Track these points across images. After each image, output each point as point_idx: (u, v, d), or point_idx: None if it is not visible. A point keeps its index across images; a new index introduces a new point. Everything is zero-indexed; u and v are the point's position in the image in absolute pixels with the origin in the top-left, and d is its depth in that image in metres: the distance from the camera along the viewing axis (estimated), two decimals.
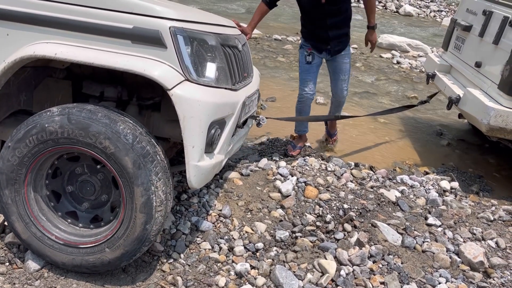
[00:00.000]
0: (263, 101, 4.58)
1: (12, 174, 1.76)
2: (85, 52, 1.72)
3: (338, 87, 3.38)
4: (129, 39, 1.74)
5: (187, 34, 1.80)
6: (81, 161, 1.86)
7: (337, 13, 3.13)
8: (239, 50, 2.30)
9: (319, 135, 3.92)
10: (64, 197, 1.91)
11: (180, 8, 2.07)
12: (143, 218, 1.75)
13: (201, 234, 2.22)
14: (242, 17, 9.19)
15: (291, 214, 2.45)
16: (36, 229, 1.82)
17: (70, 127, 1.68)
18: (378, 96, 5.41)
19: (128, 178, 1.71)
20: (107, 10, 1.73)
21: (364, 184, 2.88)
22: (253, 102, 2.51)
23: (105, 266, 1.84)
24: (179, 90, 1.72)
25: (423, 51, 7.99)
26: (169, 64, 1.75)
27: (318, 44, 3.24)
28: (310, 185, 2.71)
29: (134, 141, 1.70)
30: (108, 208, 1.90)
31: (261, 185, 2.70)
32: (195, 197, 2.48)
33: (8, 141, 1.75)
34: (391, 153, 3.88)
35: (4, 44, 1.77)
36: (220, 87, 1.97)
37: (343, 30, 3.24)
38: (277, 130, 3.78)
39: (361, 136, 4.13)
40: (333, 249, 2.21)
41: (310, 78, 3.30)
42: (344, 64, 3.32)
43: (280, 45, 7.21)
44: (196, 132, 1.76)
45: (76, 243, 1.83)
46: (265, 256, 2.15)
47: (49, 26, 1.74)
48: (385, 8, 12.86)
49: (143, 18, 1.73)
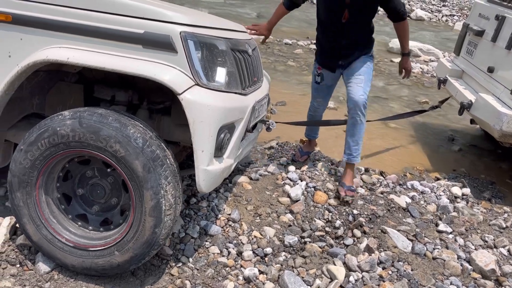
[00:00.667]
0: (273, 105, 4.58)
1: (24, 176, 1.78)
2: (97, 57, 1.74)
3: (352, 87, 2.76)
4: (140, 44, 1.75)
5: (197, 39, 1.81)
6: (91, 165, 1.88)
7: (357, 30, 2.81)
8: (249, 54, 2.30)
9: (329, 140, 3.90)
10: (74, 200, 1.92)
11: (191, 13, 2.09)
12: (152, 222, 1.75)
13: (210, 238, 2.22)
14: (253, 21, 9.23)
15: (300, 219, 2.44)
16: (47, 231, 1.84)
17: (81, 131, 1.70)
18: (388, 101, 5.38)
19: (138, 181, 1.72)
20: (118, 15, 1.75)
21: (374, 189, 2.86)
22: (263, 107, 2.51)
23: (114, 269, 1.85)
24: (189, 94, 1.73)
25: (434, 55, 7.94)
26: (179, 69, 1.76)
27: (329, 61, 2.93)
28: (319, 190, 2.70)
29: (144, 145, 1.71)
30: (118, 211, 1.91)
31: (270, 189, 2.69)
32: (204, 201, 2.48)
33: (21, 144, 1.77)
34: (401, 158, 3.85)
35: (18, 49, 1.79)
36: (230, 91, 1.97)
37: (360, 47, 2.87)
38: (287, 134, 3.78)
39: (371, 141, 4.11)
40: (342, 255, 2.20)
41: (319, 96, 3.12)
42: (359, 66, 2.84)
43: (291, 49, 7.22)
44: (206, 136, 1.77)
45: (86, 245, 1.85)
46: (273, 261, 2.14)
47: (61, 31, 1.76)
48: None
49: (154, 23, 1.75)
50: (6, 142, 2.09)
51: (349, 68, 2.91)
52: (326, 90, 3.12)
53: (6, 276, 1.85)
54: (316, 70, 3.05)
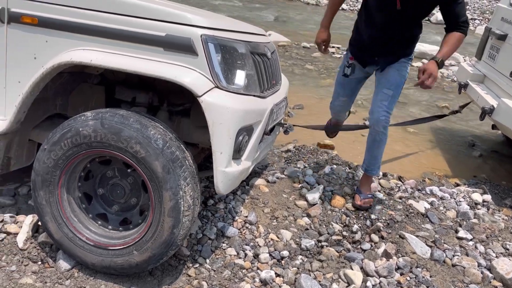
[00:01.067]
0: (290, 108, 4.58)
1: (47, 175, 1.82)
2: (119, 59, 1.77)
3: (375, 104, 2.54)
4: (161, 47, 1.78)
5: (217, 42, 1.83)
6: (112, 165, 1.91)
7: (407, 23, 2.48)
8: (268, 57, 2.31)
9: (346, 144, 3.88)
10: (95, 200, 1.96)
11: (211, 16, 2.11)
12: (171, 222, 1.77)
13: (227, 239, 2.23)
14: (271, 25, 9.26)
15: (317, 222, 2.44)
16: (68, 229, 1.87)
17: (103, 131, 1.73)
18: (407, 105, 5.32)
19: (157, 182, 1.74)
20: (141, 18, 1.78)
21: (392, 194, 2.83)
22: (281, 110, 2.52)
23: (133, 268, 1.87)
24: (209, 97, 1.75)
25: (455, 60, 7.83)
26: (199, 71, 1.78)
27: (363, 54, 2.63)
28: (337, 194, 2.69)
29: (164, 146, 1.73)
30: (137, 211, 1.93)
31: (287, 192, 2.69)
32: (221, 203, 2.50)
33: (44, 144, 1.82)
34: (420, 163, 3.81)
35: (43, 51, 1.84)
36: (249, 94, 1.98)
37: (403, 46, 2.57)
38: (304, 137, 3.77)
39: (390, 145, 4.06)
40: (360, 259, 2.18)
41: (344, 94, 2.78)
42: (393, 74, 2.55)
43: (309, 52, 7.21)
44: (225, 139, 1.78)
45: (105, 244, 1.87)
46: (290, 264, 2.14)
47: (85, 33, 1.80)
48: None
49: (176, 26, 1.77)
50: (30, 141, 2.14)
51: (383, 73, 2.60)
52: (353, 86, 2.78)
53: (27, 273, 1.89)
54: (347, 61, 2.69)
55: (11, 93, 1.91)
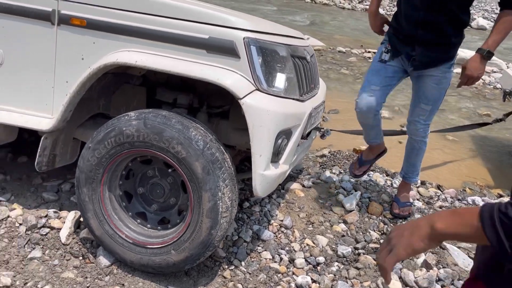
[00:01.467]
0: (326, 113, 4.54)
1: (90, 173, 1.87)
2: (162, 60, 1.80)
3: (413, 117, 2.45)
4: (204, 49, 1.80)
5: (259, 44, 1.83)
6: (153, 164, 1.94)
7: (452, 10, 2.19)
8: (307, 61, 2.30)
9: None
10: (135, 198, 1.99)
11: (253, 19, 2.11)
12: (209, 223, 1.78)
13: (262, 243, 2.23)
14: (306, 29, 9.23)
15: (354, 229, 2.39)
16: (109, 227, 1.91)
17: (145, 131, 1.76)
18: (447, 112, 5.17)
19: (197, 183, 1.75)
20: (185, 20, 1.80)
21: (432, 203, 2.75)
22: (319, 114, 2.49)
23: (170, 268, 1.89)
24: (250, 99, 1.75)
25: (497, 66, 7.56)
26: (241, 74, 1.79)
27: (400, 45, 2.35)
28: (374, 201, 2.63)
29: (204, 147, 1.74)
30: (176, 211, 1.95)
31: (323, 198, 2.66)
32: (257, 206, 2.49)
33: (89, 142, 1.86)
34: (460, 172, 3.69)
35: (91, 52, 1.89)
36: (288, 97, 1.97)
37: (444, 38, 2.25)
38: (339, 142, 3.72)
39: (428, 153, 3.92)
40: (398, 269, 2.13)
41: (376, 82, 2.37)
42: (431, 88, 2.34)
43: (344, 57, 7.13)
44: (264, 141, 1.78)
45: (144, 243, 1.90)
46: (326, 271, 2.11)
47: (130, 35, 1.84)
48: None
49: (219, 29, 1.79)
50: (74, 140, 2.20)
51: (420, 83, 2.37)
52: (389, 76, 2.39)
53: (69, 267, 1.94)
54: (385, 46, 2.41)
55: (58, 92, 1.98)
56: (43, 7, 1.91)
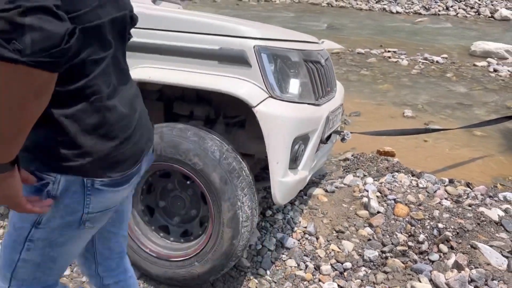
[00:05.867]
0: (347, 116, 4.49)
1: None
2: (175, 75, 1.82)
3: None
4: (216, 60, 1.81)
5: (270, 52, 1.83)
6: (172, 178, 1.96)
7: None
8: (322, 65, 2.28)
9: (408, 150, 3.73)
10: (157, 212, 2.01)
11: (263, 27, 2.12)
12: (230, 233, 1.78)
13: (286, 251, 2.20)
14: (324, 33, 9.19)
15: (380, 233, 2.34)
16: (133, 241, 1.93)
17: (162, 145, 1.78)
18: (473, 107, 5.03)
19: (215, 193, 1.75)
20: (195, 33, 1.82)
21: (461, 201, 2.66)
22: (337, 117, 2.46)
23: (195, 280, 1.89)
24: (263, 107, 1.75)
25: None
26: (253, 82, 1.79)
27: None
28: (400, 202, 2.57)
29: (221, 157, 1.75)
30: (197, 223, 1.96)
31: (347, 202, 2.62)
32: (279, 214, 2.47)
33: None
34: (490, 168, 3.56)
35: None
36: (303, 102, 1.96)
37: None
38: (362, 145, 3.67)
39: (455, 150, 3.85)
40: (428, 271, 2.06)
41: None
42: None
43: (364, 58, 7.05)
44: (280, 148, 1.77)
45: (167, 256, 1.91)
46: (353, 276, 2.07)
47: (143, 51, 1.87)
48: (478, 14, 12.05)
49: (229, 39, 1.80)
50: None
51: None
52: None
53: None
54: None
55: None
56: None
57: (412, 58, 7.09)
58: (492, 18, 11.72)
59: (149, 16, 1.88)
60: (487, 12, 11.94)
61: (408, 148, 3.80)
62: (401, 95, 5.31)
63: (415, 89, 5.57)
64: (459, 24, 10.98)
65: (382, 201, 2.58)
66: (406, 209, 2.50)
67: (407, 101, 5.10)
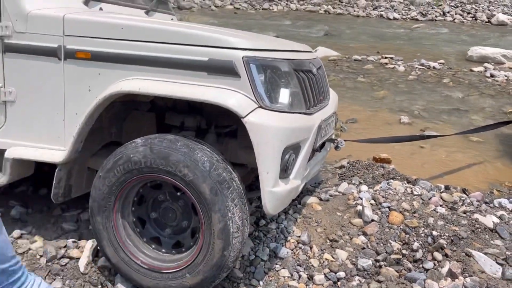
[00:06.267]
0: (343, 123, 4.49)
1: (102, 201, 1.89)
2: (164, 86, 1.82)
3: None
4: (205, 71, 1.81)
5: (259, 62, 1.84)
6: (163, 189, 1.95)
7: None
8: (313, 74, 2.28)
9: (404, 157, 3.72)
10: (148, 223, 2.00)
11: (253, 38, 2.12)
12: (221, 244, 1.77)
13: (280, 261, 2.19)
14: (321, 40, 9.23)
15: (374, 241, 2.33)
16: (124, 253, 1.92)
17: (152, 157, 1.78)
18: (469, 113, 5.03)
19: (206, 204, 1.75)
20: (183, 44, 1.83)
21: (456, 208, 2.65)
22: (330, 125, 2.47)
23: None
24: (252, 117, 1.75)
25: None
26: (242, 93, 1.79)
27: None
28: (394, 210, 2.56)
29: (211, 168, 1.74)
30: (189, 234, 1.95)
31: (341, 210, 2.61)
32: (273, 223, 2.46)
33: (99, 171, 1.90)
34: (486, 174, 3.56)
35: (97, 83, 1.94)
36: (293, 112, 1.96)
37: None
38: (358, 152, 3.66)
39: (451, 156, 3.85)
40: (422, 280, 2.05)
41: None
42: None
43: (360, 65, 7.07)
44: (270, 158, 1.77)
45: (159, 268, 1.90)
46: (346, 286, 2.05)
47: (133, 63, 1.88)
48: (475, 19, 12.10)
49: (218, 50, 1.80)
50: (89, 169, 2.25)
51: None
52: None
53: None
54: None
55: (69, 124, 2.02)
56: (49, 44, 1.97)
57: (409, 64, 7.12)
58: (489, 23, 11.76)
59: (138, 28, 1.89)
60: (484, 17, 11.98)
61: (404, 155, 3.80)
62: (397, 101, 5.32)
63: (411, 95, 5.58)
64: (456, 30, 11.01)
65: (376, 209, 2.58)
66: (401, 217, 2.49)
67: (403, 107, 5.10)
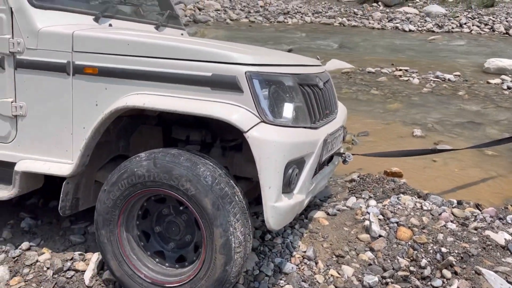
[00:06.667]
0: (355, 136, 4.46)
1: (107, 215, 1.91)
2: (169, 101, 1.85)
3: None
4: (208, 86, 1.83)
5: (262, 77, 1.85)
6: (167, 203, 1.96)
7: None
8: (319, 88, 2.28)
9: (416, 171, 3.67)
10: (152, 237, 2.01)
11: (257, 53, 2.14)
12: (223, 259, 1.77)
13: (284, 276, 2.17)
14: (335, 53, 9.22)
15: (381, 257, 2.29)
16: (128, 267, 1.93)
17: (155, 171, 1.79)
18: (485, 126, 4.94)
19: (208, 219, 1.75)
20: (188, 60, 1.86)
21: (467, 224, 2.60)
22: (337, 139, 2.45)
23: None
24: (255, 132, 1.75)
25: None
26: (245, 108, 1.80)
27: None
28: (403, 225, 2.52)
29: (213, 182, 1.75)
30: (192, 248, 1.95)
31: (349, 225, 2.58)
32: (279, 238, 2.45)
33: (104, 185, 1.92)
34: (501, 189, 3.47)
35: (104, 97, 1.98)
36: (298, 126, 1.96)
37: None
38: (369, 166, 3.62)
39: (464, 171, 3.77)
40: None
41: None
42: None
43: (374, 77, 7.03)
44: (272, 173, 1.76)
45: (162, 282, 1.91)
46: None
47: (139, 78, 1.91)
48: (492, 31, 11.93)
49: (221, 66, 1.82)
50: (97, 182, 2.28)
51: None
52: None
53: None
54: None
55: (77, 138, 2.06)
56: (59, 59, 2.02)
57: (423, 76, 7.04)
58: (507, 34, 11.58)
59: (143, 44, 1.93)
60: (501, 29, 11.81)
61: (416, 169, 3.74)
62: (411, 114, 5.26)
63: (425, 108, 5.52)
64: (473, 41, 10.88)
65: (384, 224, 2.54)
66: (409, 233, 2.45)
67: (417, 120, 5.04)
